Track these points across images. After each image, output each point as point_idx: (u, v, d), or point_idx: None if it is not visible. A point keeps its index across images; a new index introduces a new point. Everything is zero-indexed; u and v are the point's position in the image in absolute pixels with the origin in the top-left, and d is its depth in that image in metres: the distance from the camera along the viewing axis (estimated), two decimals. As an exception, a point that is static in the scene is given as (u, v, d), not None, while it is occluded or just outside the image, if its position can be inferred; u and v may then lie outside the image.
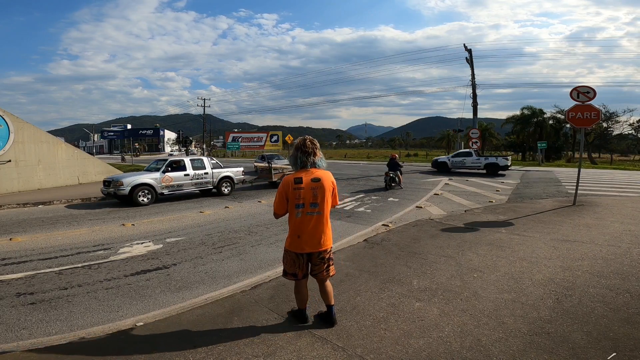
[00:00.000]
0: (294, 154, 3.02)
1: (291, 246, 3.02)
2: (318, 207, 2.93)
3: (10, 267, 5.28)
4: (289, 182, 2.92)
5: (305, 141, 3.02)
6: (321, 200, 2.93)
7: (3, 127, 13.87)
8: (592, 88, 8.80)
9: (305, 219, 2.92)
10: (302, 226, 2.94)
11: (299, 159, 2.98)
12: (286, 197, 2.94)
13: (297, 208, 2.92)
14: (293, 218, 2.96)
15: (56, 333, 3.39)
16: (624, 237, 5.86)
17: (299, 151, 2.99)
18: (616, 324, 3.05)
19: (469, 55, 29.09)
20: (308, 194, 2.90)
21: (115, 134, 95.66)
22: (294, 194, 2.89)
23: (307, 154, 2.97)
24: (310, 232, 2.94)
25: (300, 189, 2.89)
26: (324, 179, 2.96)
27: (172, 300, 4.13)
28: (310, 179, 2.92)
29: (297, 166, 3.01)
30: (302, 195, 2.89)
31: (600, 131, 40.46)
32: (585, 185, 13.41)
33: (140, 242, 6.62)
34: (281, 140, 69.53)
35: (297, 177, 2.92)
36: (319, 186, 2.92)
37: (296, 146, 3.03)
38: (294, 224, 2.97)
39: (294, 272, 3.07)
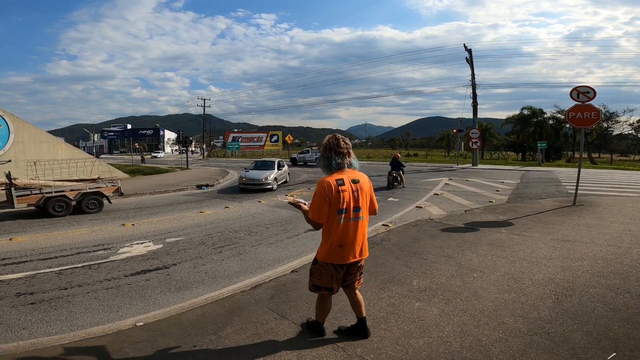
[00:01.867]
0: (327, 155, 2.66)
1: (330, 257, 2.66)
2: (361, 212, 2.64)
3: (10, 267, 5.28)
4: (332, 185, 2.56)
5: (339, 141, 2.67)
6: (363, 203, 2.65)
7: (3, 127, 13.88)
8: (592, 88, 8.79)
9: (348, 225, 2.60)
10: (346, 234, 2.61)
11: (334, 160, 2.63)
12: (329, 201, 2.56)
13: (340, 214, 2.57)
14: (335, 225, 2.60)
15: (56, 333, 3.39)
16: (624, 237, 5.86)
17: (334, 152, 2.64)
18: (616, 324, 3.05)
19: (469, 55, 29.09)
20: (351, 197, 2.59)
21: (115, 134, 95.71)
22: (337, 198, 2.55)
23: (343, 154, 2.64)
24: (353, 240, 2.64)
25: (343, 191, 2.56)
26: (362, 180, 2.69)
27: (172, 300, 4.13)
28: (350, 179, 2.62)
29: (331, 169, 2.65)
30: (345, 199, 2.56)
31: (601, 131, 40.46)
32: (585, 185, 13.41)
33: (140, 242, 6.62)
34: (281, 140, 69.53)
35: (339, 178, 2.58)
36: (360, 188, 2.64)
37: (328, 146, 2.67)
38: (336, 231, 2.60)
39: (330, 287, 2.74)
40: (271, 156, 52.48)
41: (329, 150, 2.67)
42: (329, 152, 2.66)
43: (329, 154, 2.66)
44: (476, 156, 28.12)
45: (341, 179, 2.58)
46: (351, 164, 2.68)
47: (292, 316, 3.43)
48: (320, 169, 2.74)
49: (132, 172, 22.33)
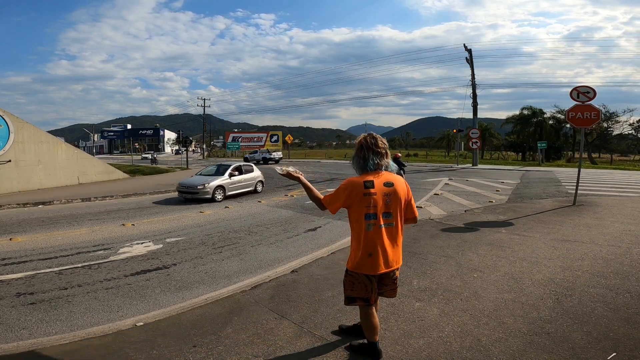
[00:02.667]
0: (362, 154, 2.43)
1: (361, 267, 2.42)
2: (392, 218, 2.40)
3: (10, 267, 5.28)
4: (357, 186, 2.34)
5: (378, 140, 2.45)
6: (394, 209, 2.40)
7: (3, 127, 13.88)
8: (592, 88, 8.80)
9: (378, 232, 2.36)
10: (375, 242, 2.36)
11: (371, 161, 2.40)
12: (348, 201, 2.38)
13: (368, 219, 2.34)
14: (362, 232, 2.36)
15: (56, 333, 3.39)
16: (624, 237, 5.86)
17: (371, 151, 2.41)
18: (616, 324, 3.05)
19: (469, 55, 29.10)
20: (380, 201, 2.34)
21: (115, 134, 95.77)
22: (364, 202, 2.33)
23: (381, 154, 2.42)
24: (384, 248, 2.39)
25: (371, 194, 2.32)
26: (397, 183, 2.42)
27: (172, 300, 4.13)
28: (382, 182, 2.37)
29: (366, 170, 2.43)
30: (373, 203, 2.33)
31: (601, 131, 40.46)
32: (585, 185, 13.41)
33: (140, 242, 6.62)
34: (281, 140, 69.56)
35: (368, 179, 2.36)
36: (393, 192, 2.39)
37: (365, 145, 2.44)
38: (364, 239, 2.37)
39: (366, 297, 2.49)
40: (271, 156, 52.49)
41: (366, 149, 2.43)
42: (366, 151, 2.43)
43: (366, 153, 2.42)
44: (476, 156, 28.13)
45: (371, 181, 2.36)
46: (388, 166, 2.46)
47: (292, 316, 3.43)
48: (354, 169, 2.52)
49: (132, 172, 22.33)
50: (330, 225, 7.84)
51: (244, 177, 13.20)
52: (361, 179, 2.38)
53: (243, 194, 12.99)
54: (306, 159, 45.56)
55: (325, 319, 3.35)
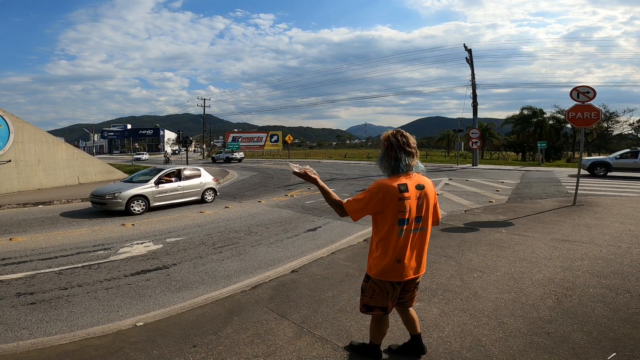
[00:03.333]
0: (393, 154, 2.24)
1: (386, 274, 2.28)
2: (422, 222, 2.28)
3: (10, 267, 5.28)
4: (391, 190, 2.16)
5: (408, 139, 2.27)
6: (426, 212, 2.28)
7: (3, 127, 13.88)
8: (592, 88, 8.79)
9: (409, 238, 2.24)
10: (405, 248, 2.24)
11: (403, 162, 2.22)
12: (379, 207, 2.19)
13: (401, 225, 2.20)
14: (393, 237, 2.22)
15: (56, 333, 3.40)
16: (624, 237, 5.86)
17: (402, 151, 2.23)
18: (616, 324, 3.05)
19: (469, 55, 29.09)
20: (414, 205, 2.22)
21: (115, 134, 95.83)
22: (398, 207, 2.17)
23: (412, 155, 2.26)
24: (412, 254, 2.29)
25: (405, 199, 2.17)
26: (427, 185, 2.31)
27: (172, 300, 4.13)
28: (414, 185, 2.23)
29: (397, 172, 2.24)
30: (407, 208, 2.18)
31: (601, 131, 40.46)
32: (585, 185, 13.41)
33: (140, 242, 6.62)
34: (281, 140, 69.54)
35: (401, 182, 2.19)
36: (424, 194, 2.27)
37: (396, 144, 2.24)
38: (395, 245, 2.22)
39: (384, 306, 2.38)
40: (271, 156, 52.58)
41: (397, 148, 2.23)
42: (397, 151, 2.23)
43: (397, 153, 2.23)
44: (476, 156, 28.12)
45: (405, 184, 2.19)
46: (417, 167, 2.29)
47: (292, 316, 3.43)
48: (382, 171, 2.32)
49: (132, 172, 22.33)
50: (330, 225, 7.84)
51: (184, 184, 10.83)
52: (394, 182, 2.19)
53: (183, 204, 10.82)
54: (306, 159, 45.57)
55: (325, 319, 3.35)
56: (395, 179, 2.22)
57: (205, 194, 11.39)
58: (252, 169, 27.08)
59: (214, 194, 11.77)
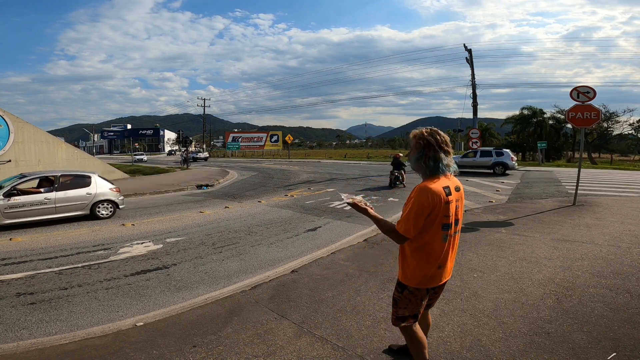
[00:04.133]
0: (431, 154, 2.06)
1: (427, 282, 2.13)
2: (459, 225, 2.18)
3: (10, 267, 5.28)
4: (439, 193, 2.00)
5: (446, 137, 2.11)
6: (461, 215, 2.20)
7: (3, 127, 13.89)
8: (592, 88, 8.80)
9: (450, 242, 2.13)
10: (448, 252, 2.13)
11: (442, 162, 2.06)
12: (428, 214, 2.00)
13: (446, 229, 2.07)
14: (438, 244, 2.07)
15: (56, 333, 3.39)
16: (624, 237, 5.86)
17: (442, 151, 2.06)
18: (616, 324, 3.05)
19: (469, 55, 29.10)
20: (454, 208, 2.09)
21: (115, 134, 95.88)
22: (444, 211, 2.02)
23: (449, 154, 2.10)
24: (451, 257, 2.19)
25: (451, 202, 2.06)
26: (461, 187, 2.21)
27: (172, 300, 4.13)
28: (454, 187, 2.12)
29: (437, 173, 2.07)
30: (452, 211, 2.07)
31: (601, 131, 40.46)
32: (585, 185, 13.41)
33: (140, 242, 6.62)
34: (281, 140, 69.53)
35: (446, 185, 2.05)
36: (460, 197, 2.18)
37: (434, 143, 2.06)
38: (439, 251, 2.09)
39: (416, 313, 2.22)
40: (271, 156, 52.61)
41: (437, 147, 2.05)
42: (437, 150, 2.05)
43: (436, 153, 2.05)
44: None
45: (448, 186, 2.05)
46: (453, 168, 2.14)
47: (292, 316, 3.43)
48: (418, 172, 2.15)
49: (132, 172, 22.34)
50: (330, 225, 7.84)
51: (59, 195, 8.29)
52: (438, 186, 2.01)
53: (61, 220, 8.40)
54: (306, 159, 45.57)
55: (325, 319, 3.35)
56: (436, 180, 2.04)
57: (97, 208, 8.78)
58: (252, 169, 27.08)
59: (114, 208, 9.07)
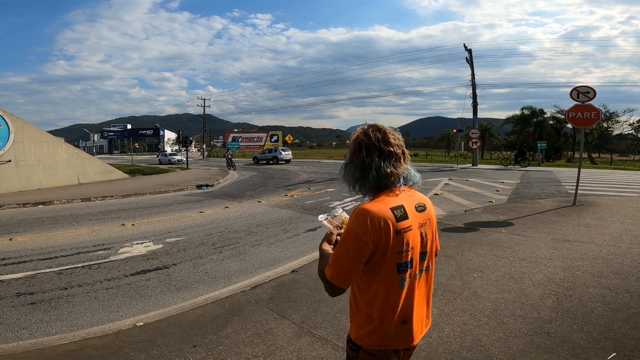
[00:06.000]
0: (362, 159, 1.38)
1: (387, 342, 1.37)
2: (427, 259, 1.44)
3: (10, 267, 5.28)
4: (384, 219, 1.27)
5: (387, 134, 1.41)
6: (430, 245, 1.44)
7: (3, 127, 13.88)
8: (592, 88, 8.80)
9: (414, 286, 1.39)
10: (411, 301, 1.38)
11: (380, 169, 1.35)
12: (371, 252, 1.29)
13: (402, 271, 1.33)
14: (394, 292, 1.34)
15: (56, 333, 3.39)
16: (624, 237, 5.86)
17: (376, 153, 1.36)
18: (616, 324, 3.06)
19: (469, 55, 29.10)
20: (417, 237, 1.36)
21: (115, 134, 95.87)
22: (396, 245, 1.30)
23: (395, 157, 1.39)
24: (420, 306, 1.44)
25: (406, 230, 1.31)
26: (429, 205, 1.46)
27: (172, 300, 4.13)
28: (414, 205, 1.39)
29: (368, 186, 1.38)
30: (410, 244, 1.33)
31: (601, 131, 40.47)
32: (585, 185, 13.40)
33: (140, 242, 6.62)
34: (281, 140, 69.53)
35: (396, 206, 1.31)
36: (427, 220, 1.42)
37: (365, 143, 1.39)
38: (396, 301, 1.35)
39: None
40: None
41: (366, 150, 1.37)
42: (367, 153, 1.37)
43: (367, 157, 1.36)
44: (476, 156, 28.12)
45: (401, 206, 1.32)
46: (408, 177, 1.41)
47: (292, 316, 3.43)
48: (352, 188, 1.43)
49: (132, 172, 22.34)
50: (330, 225, 7.84)
51: None
52: (384, 206, 1.30)
53: None
54: (306, 159, 45.57)
55: (325, 319, 3.36)
56: (381, 199, 1.33)
57: None
58: (252, 169, 27.08)
59: None
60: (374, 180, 1.36)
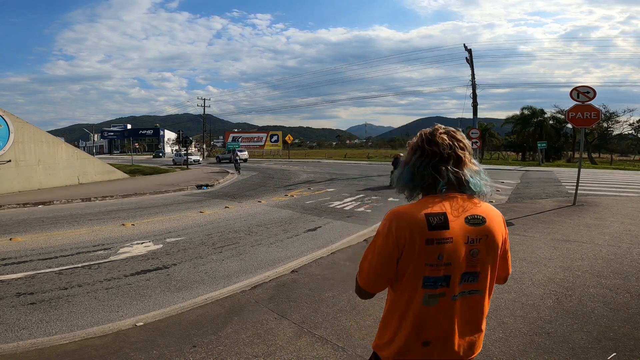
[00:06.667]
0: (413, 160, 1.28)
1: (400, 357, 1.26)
2: (477, 281, 1.24)
3: (10, 267, 5.28)
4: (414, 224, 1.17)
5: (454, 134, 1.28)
6: (484, 265, 1.23)
7: (3, 127, 13.88)
8: (592, 88, 8.80)
9: (446, 308, 1.22)
10: (439, 323, 1.23)
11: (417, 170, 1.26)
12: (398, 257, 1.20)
13: (431, 286, 1.19)
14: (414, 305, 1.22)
15: (56, 333, 3.39)
16: (624, 237, 5.86)
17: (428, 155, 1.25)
18: (616, 324, 3.05)
19: (469, 55, 29.09)
20: (460, 252, 1.19)
21: (115, 134, 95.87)
22: (425, 255, 1.17)
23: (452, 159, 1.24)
24: (454, 330, 1.24)
25: (442, 241, 1.17)
26: (492, 219, 1.24)
27: (172, 300, 4.13)
28: (464, 219, 1.20)
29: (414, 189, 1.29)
30: (445, 256, 1.17)
31: (601, 131, 40.48)
32: (585, 185, 13.40)
33: (140, 242, 6.62)
34: (281, 140, 69.49)
35: (436, 212, 1.18)
36: (486, 235, 1.22)
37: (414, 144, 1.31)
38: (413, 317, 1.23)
39: None
40: (271, 156, 52.57)
41: (412, 151, 1.30)
42: (413, 154, 1.29)
43: (413, 157, 1.28)
44: (476, 156, 28.06)
45: (441, 214, 1.17)
46: (469, 182, 1.22)
47: (292, 316, 3.43)
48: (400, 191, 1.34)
49: (132, 172, 22.34)
50: (330, 225, 7.84)
51: None
52: (418, 210, 1.19)
53: None
54: (306, 158, 45.58)
55: (325, 319, 3.36)
56: (422, 203, 1.22)
57: None
58: (252, 169, 27.08)
59: None
60: (410, 181, 1.28)
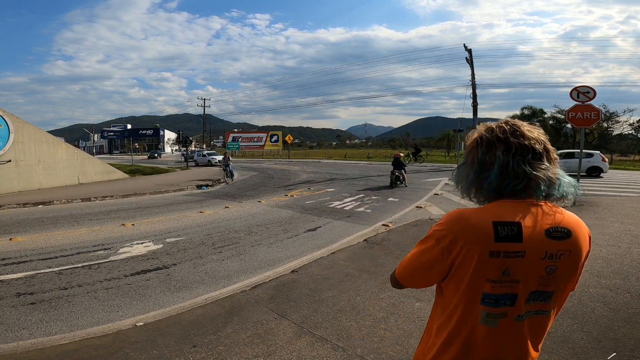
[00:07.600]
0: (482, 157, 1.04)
1: None
2: (549, 302, 1.04)
3: (10, 267, 5.28)
4: (475, 232, 0.96)
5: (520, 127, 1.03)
6: (557, 285, 1.03)
7: (3, 127, 13.88)
8: (592, 88, 8.81)
9: (505, 329, 1.00)
10: (492, 344, 1.01)
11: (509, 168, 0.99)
12: (444, 269, 1.02)
13: (493, 304, 0.98)
14: (469, 325, 1.01)
15: (56, 333, 3.39)
16: (624, 237, 5.86)
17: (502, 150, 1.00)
18: (616, 324, 3.06)
19: (469, 55, 29.09)
20: (532, 269, 0.97)
21: (115, 134, 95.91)
22: (487, 269, 0.96)
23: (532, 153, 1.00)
24: (508, 356, 1.03)
25: (510, 255, 0.95)
26: (577, 232, 1.03)
27: (172, 300, 4.13)
28: (544, 231, 0.97)
29: (489, 189, 1.03)
30: (512, 274, 0.96)
31: (601, 131, 40.49)
32: (585, 185, 13.40)
33: (140, 242, 6.62)
34: (281, 140, 69.49)
35: (508, 222, 0.96)
36: (566, 252, 1.00)
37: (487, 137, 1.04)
38: (466, 337, 1.02)
39: None
40: (271, 156, 52.58)
41: (486, 145, 1.04)
42: (488, 149, 1.03)
43: (488, 153, 1.03)
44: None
45: (514, 223, 0.96)
46: (553, 184, 1.00)
47: (292, 316, 3.43)
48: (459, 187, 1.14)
49: (132, 172, 22.34)
50: (330, 225, 7.84)
51: None
52: (486, 214, 0.99)
53: None
54: (306, 158, 45.57)
55: (325, 319, 3.36)
56: (493, 207, 1.01)
57: None
58: (252, 169, 27.08)
59: None
60: (496, 181, 1.01)
